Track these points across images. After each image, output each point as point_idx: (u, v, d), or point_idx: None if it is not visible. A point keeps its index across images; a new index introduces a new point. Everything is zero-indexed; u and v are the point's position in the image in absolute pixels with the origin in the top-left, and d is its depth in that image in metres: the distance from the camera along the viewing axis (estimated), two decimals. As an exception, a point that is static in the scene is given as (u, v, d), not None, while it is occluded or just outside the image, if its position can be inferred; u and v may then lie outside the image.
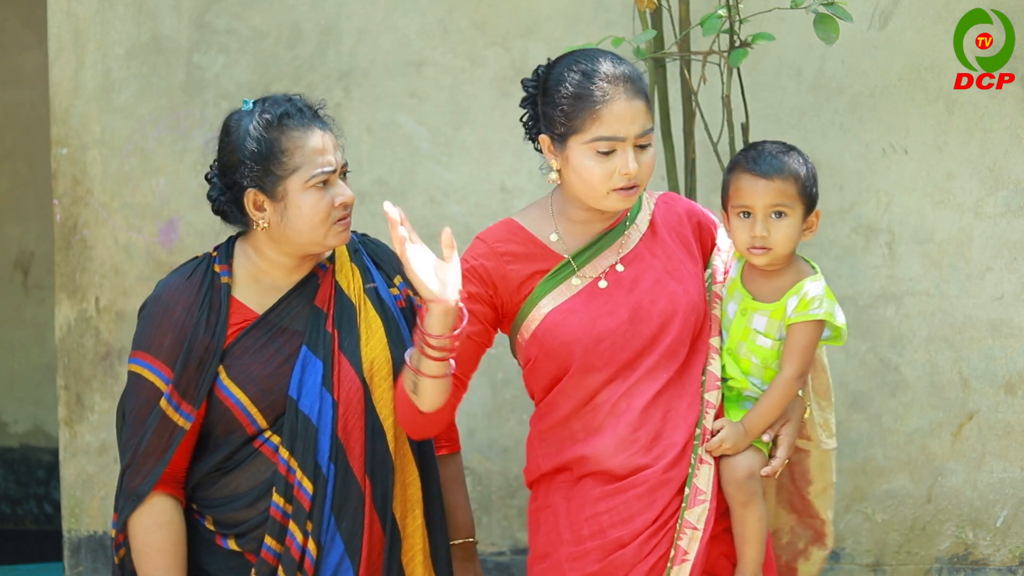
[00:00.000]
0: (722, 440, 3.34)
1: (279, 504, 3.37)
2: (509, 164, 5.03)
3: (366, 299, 3.48)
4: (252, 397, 3.38)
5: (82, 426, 5.29)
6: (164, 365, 3.39)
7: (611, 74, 3.29)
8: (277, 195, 3.36)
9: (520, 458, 5.09)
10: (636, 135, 3.27)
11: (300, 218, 3.35)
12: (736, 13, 4.23)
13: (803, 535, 3.56)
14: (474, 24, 5.04)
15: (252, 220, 3.39)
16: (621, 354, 3.33)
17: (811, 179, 3.38)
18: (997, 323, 4.79)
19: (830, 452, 3.53)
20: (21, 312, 7.67)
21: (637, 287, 3.35)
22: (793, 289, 3.37)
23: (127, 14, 5.21)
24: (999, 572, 4.84)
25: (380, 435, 3.44)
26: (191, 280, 3.43)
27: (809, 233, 3.40)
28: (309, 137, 3.36)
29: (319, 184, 3.35)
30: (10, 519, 7.69)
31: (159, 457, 3.38)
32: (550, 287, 3.36)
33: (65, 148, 5.27)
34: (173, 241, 5.21)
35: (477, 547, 3.70)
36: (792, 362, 3.36)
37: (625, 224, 3.41)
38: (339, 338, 3.43)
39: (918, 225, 4.82)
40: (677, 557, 3.29)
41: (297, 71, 5.12)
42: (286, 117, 3.36)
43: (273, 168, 3.35)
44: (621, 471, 3.32)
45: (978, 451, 4.82)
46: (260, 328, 3.42)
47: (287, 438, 3.38)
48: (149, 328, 3.42)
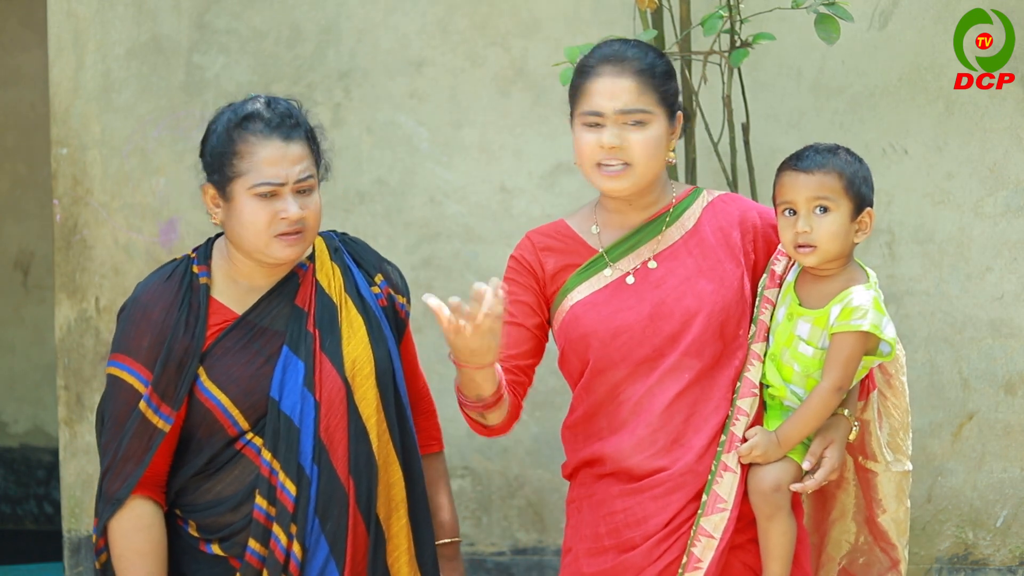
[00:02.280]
0: (752, 447, 3.27)
1: (262, 507, 3.35)
2: (509, 164, 5.03)
3: (347, 298, 3.46)
4: (233, 398, 3.36)
5: (82, 426, 5.29)
6: (143, 367, 3.36)
7: (597, 55, 3.37)
8: (227, 195, 3.35)
9: (520, 458, 5.10)
10: (616, 110, 3.30)
11: (242, 224, 3.33)
12: (737, 13, 4.23)
13: (881, 560, 3.46)
14: (474, 24, 5.04)
15: (209, 213, 3.39)
16: (639, 350, 3.31)
17: (859, 177, 3.29)
18: (997, 323, 4.79)
19: (903, 475, 3.40)
20: (21, 312, 7.67)
21: (664, 284, 3.34)
22: (838, 297, 3.27)
23: (127, 14, 5.21)
24: (999, 572, 4.84)
25: (363, 435, 3.41)
26: (170, 281, 3.41)
27: (862, 235, 3.30)
28: (264, 146, 3.32)
29: (264, 194, 3.31)
30: (10, 519, 7.69)
31: (138, 460, 3.35)
32: (582, 279, 3.38)
33: (65, 148, 5.27)
34: (173, 241, 5.21)
35: (475, 548, 3.69)
36: (831, 373, 3.25)
37: (665, 219, 3.39)
38: (320, 338, 3.40)
39: (918, 225, 4.81)
40: (689, 564, 3.25)
41: (297, 71, 5.11)
42: (248, 120, 3.33)
43: (225, 167, 3.34)
44: (639, 471, 3.31)
45: (978, 451, 4.82)
46: (240, 329, 3.39)
47: (269, 439, 3.35)
48: (127, 330, 3.39)
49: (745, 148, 4.50)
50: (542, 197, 5.00)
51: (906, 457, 3.41)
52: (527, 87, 4.99)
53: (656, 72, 3.34)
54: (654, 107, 3.31)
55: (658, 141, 3.32)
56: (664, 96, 3.33)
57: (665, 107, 3.33)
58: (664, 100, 3.33)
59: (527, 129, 5.00)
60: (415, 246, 5.00)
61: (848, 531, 3.47)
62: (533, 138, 4.99)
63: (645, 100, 3.31)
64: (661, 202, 3.40)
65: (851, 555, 3.47)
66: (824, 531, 3.49)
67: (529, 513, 5.10)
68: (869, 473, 3.39)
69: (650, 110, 3.31)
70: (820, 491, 3.44)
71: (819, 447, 3.30)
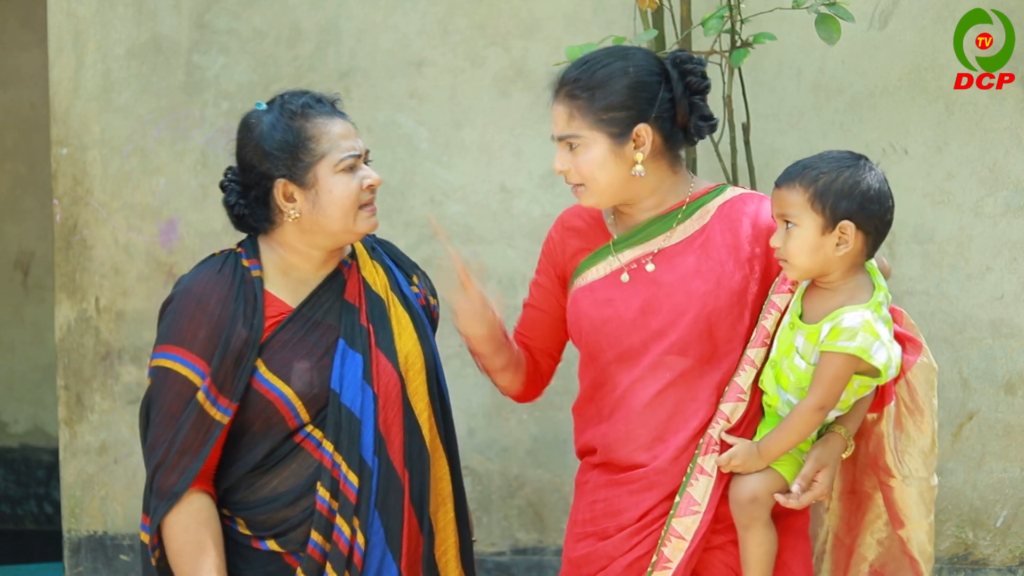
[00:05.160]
0: (731, 457, 3.24)
1: (325, 499, 3.34)
2: (509, 164, 5.04)
3: (393, 296, 3.50)
4: (297, 390, 3.36)
5: (82, 426, 5.29)
6: (199, 359, 3.35)
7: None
8: (307, 182, 3.38)
9: (520, 458, 5.10)
10: (554, 136, 3.36)
11: (332, 203, 3.38)
12: (737, 13, 4.23)
13: (907, 570, 3.39)
14: (474, 24, 5.04)
15: (283, 212, 3.40)
16: (625, 340, 3.32)
17: (832, 191, 3.21)
18: (997, 323, 4.79)
19: (927, 490, 3.33)
20: (21, 312, 7.67)
21: (660, 279, 3.34)
22: (831, 315, 3.22)
23: (127, 14, 5.21)
24: (999, 572, 4.84)
25: (416, 429, 3.44)
26: (222, 273, 3.40)
27: (843, 248, 3.23)
28: (333, 124, 3.40)
29: (347, 168, 3.39)
30: (10, 519, 7.69)
31: (196, 453, 3.34)
32: (591, 264, 3.41)
33: (65, 148, 5.27)
34: (173, 241, 5.21)
35: (475, 548, 3.70)
36: (814, 392, 3.20)
37: (677, 214, 3.38)
38: (374, 333, 3.44)
39: (918, 225, 4.81)
40: (659, 563, 3.25)
41: (297, 71, 5.12)
42: (308, 107, 3.40)
43: (302, 155, 3.37)
44: (621, 464, 3.33)
45: (978, 451, 4.82)
46: (296, 321, 3.41)
47: (331, 432, 3.36)
48: (180, 322, 3.37)
49: (745, 148, 4.51)
50: (542, 197, 5.00)
51: (929, 472, 3.33)
52: (527, 87, 4.99)
53: (599, 95, 3.29)
54: (586, 131, 3.29)
55: (599, 162, 3.29)
56: (603, 118, 3.29)
57: (604, 128, 3.28)
58: (603, 122, 3.29)
59: (527, 129, 5.00)
60: (415, 246, 5.00)
61: (881, 533, 3.42)
62: (533, 138, 4.99)
63: (576, 125, 3.30)
64: (670, 199, 3.38)
65: (882, 559, 3.42)
66: (857, 533, 3.44)
67: (529, 513, 5.10)
68: (886, 487, 3.34)
69: (580, 135, 3.30)
70: (856, 493, 3.41)
71: (811, 471, 3.26)
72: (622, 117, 3.30)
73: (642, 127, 3.31)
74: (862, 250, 3.28)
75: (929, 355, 3.33)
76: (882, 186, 3.29)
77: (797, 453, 3.28)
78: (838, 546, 3.47)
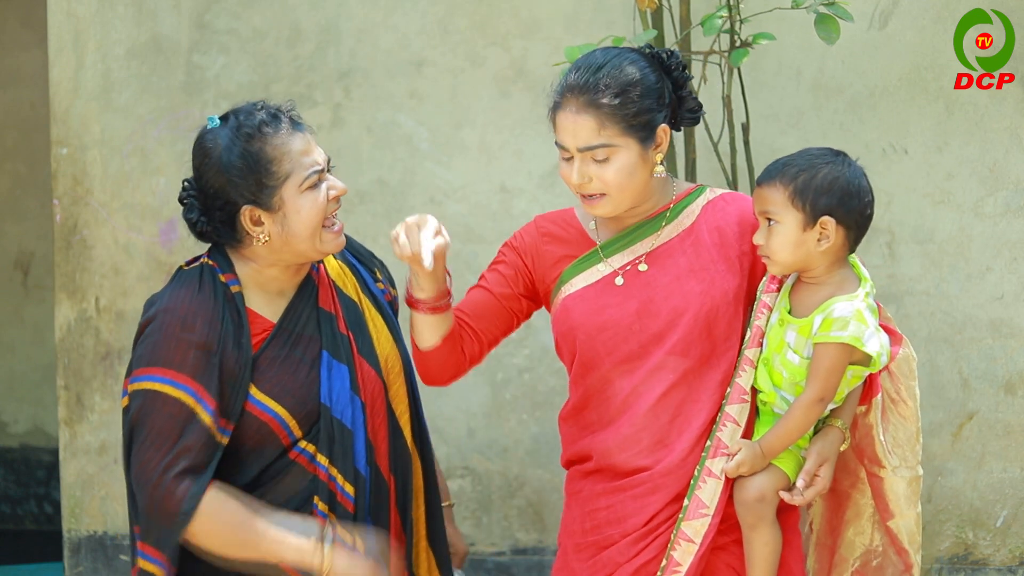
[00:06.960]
0: (738, 464, 3.24)
1: (324, 512, 3.32)
2: (509, 164, 5.04)
3: (364, 298, 3.46)
4: (290, 409, 3.31)
5: (82, 426, 5.29)
6: (190, 379, 3.26)
7: (564, 83, 3.29)
8: (274, 206, 3.29)
9: (520, 458, 5.10)
10: (578, 148, 3.25)
11: (300, 223, 3.29)
12: (737, 13, 4.24)
13: (895, 563, 3.41)
14: (474, 24, 5.04)
15: (251, 236, 3.31)
16: (624, 346, 3.30)
17: (812, 188, 3.23)
18: (997, 323, 4.79)
19: (913, 480, 3.36)
20: (21, 312, 7.66)
21: (654, 282, 3.32)
22: (821, 307, 3.24)
23: (127, 14, 5.22)
24: (999, 572, 4.84)
25: (398, 432, 3.42)
26: (203, 292, 3.32)
27: (825, 243, 3.24)
28: (292, 141, 3.30)
29: (312, 185, 3.30)
30: (10, 519, 7.69)
31: (199, 473, 3.25)
32: (577, 271, 3.37)
33: (65, 148, 5.27)
34: (173, 241, 5.21)
35: (475, 548, 3.69)
36: (813, 384, 3.22)
37: (663, 217, 3.37)
38: (355, 340, 3.40)
39: (918, 225, 4.82)
40: (668, 568, 3.24)
41: (297, 71, 5.12)
42: (264, 126, 3.29)
43: (265, 180, 3.28)
44: (623, 469, 3.31)
45: (978, 451, 4.82)
46: (280, 336, 3.35)
47: (324, 446, 3.32)
48: (166, 344, 3.27)
49: (745, 148, 4.51)
50: (542, 197, 5.00)
51: (916, 462, 3.37)
52: (527, 87, 4.99)
53: (625, 100, 3.24)
54: (618, 138, 3.23)
55: (630, 169, 3.25)
56: (632, 123, 3.24)
57: (635, 133, 3.24)
58: (633, 127, 3.23)
59: (527, 129, 5.00)
60: (415, 246, 5.00)
61: (863, 532, 3.44)
62: (533, 138, 4.99)
63: (608, 134, 3.23)
64: (658, 203, 3.37)
65: (865, 557, 3.44)
66: (838, 532, 3.47)
67: (529, 513, 5.10)
68: (875, 478, 3.36)
69: (613, 143, 3.23)
70: (835, 492, 3.42)
71: (814, 466, 3.27)
72: (647, 120, 3.25)
73: (663, 127, 3.29)
74: (844, 244, 3.29)
75: (909, 345, 3.35)
76: (861, 181, 3.29)
77: (796, 450, 3.30)
78: (821, 546, 3.48)
